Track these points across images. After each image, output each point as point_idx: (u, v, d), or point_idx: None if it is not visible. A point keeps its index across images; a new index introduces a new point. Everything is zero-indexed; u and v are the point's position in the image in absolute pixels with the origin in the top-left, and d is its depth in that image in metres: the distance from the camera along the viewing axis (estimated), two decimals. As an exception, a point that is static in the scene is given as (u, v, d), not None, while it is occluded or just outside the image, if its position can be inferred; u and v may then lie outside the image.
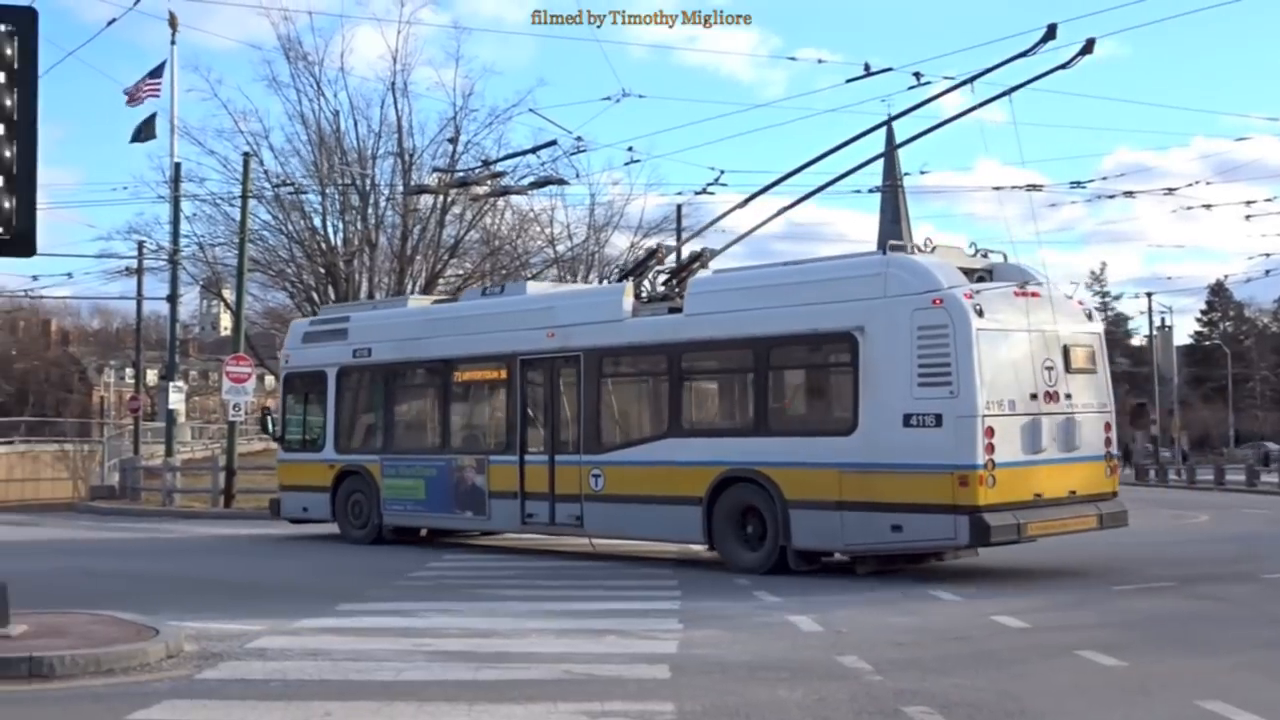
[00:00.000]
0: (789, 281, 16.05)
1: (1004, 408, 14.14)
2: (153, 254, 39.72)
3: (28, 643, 9.52)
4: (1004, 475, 13.94)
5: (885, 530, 14.43)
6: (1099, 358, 15.67)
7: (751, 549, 15.60)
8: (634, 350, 17.52)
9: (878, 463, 14.43)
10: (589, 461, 17.36)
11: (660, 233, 57.21)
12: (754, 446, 15.70)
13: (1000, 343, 14.35)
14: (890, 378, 14.39)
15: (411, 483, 19.82)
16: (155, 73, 35.95)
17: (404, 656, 9.68)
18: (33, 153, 10.18)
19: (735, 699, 8.11)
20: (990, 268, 15.53)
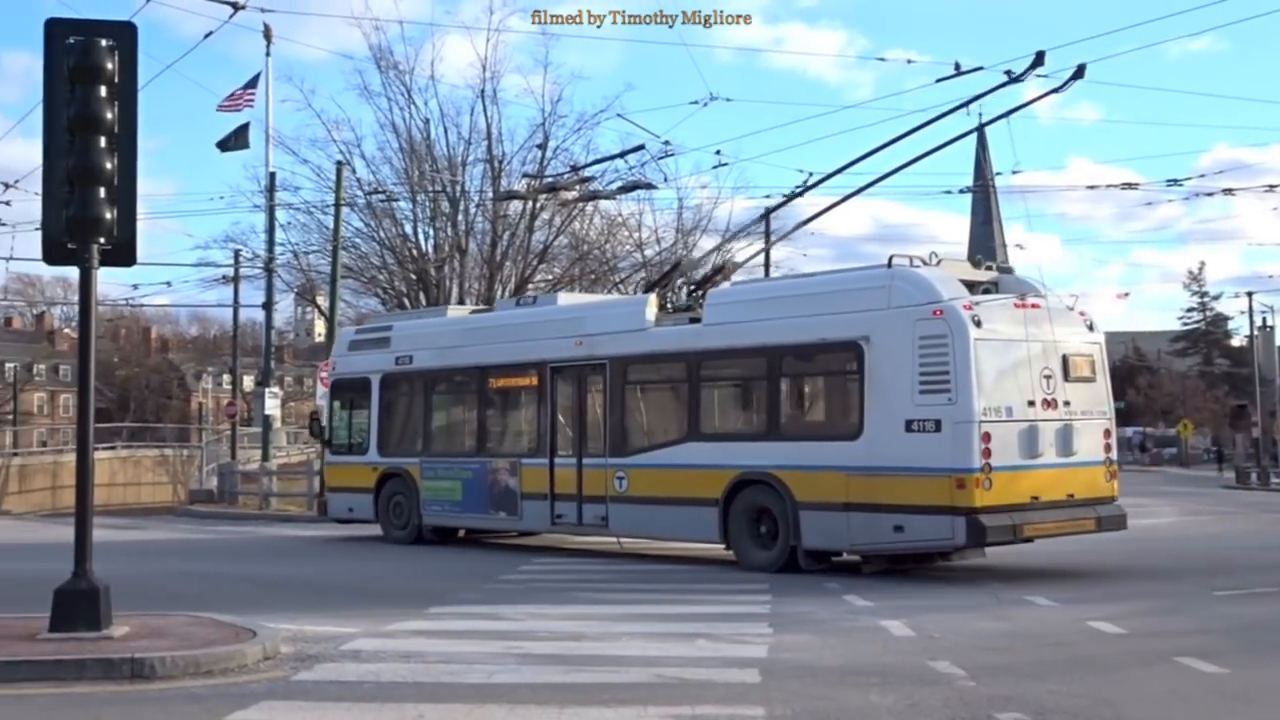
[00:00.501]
0: (800, 293, 17.05)
1: (1001, 414, 14.75)
2: (249, 262, 40.46)
3: (130, 644, 9.72)
4: (1001, 478, 14.56)
5: (888, 531, 15.07)
6: (1099, 367, 16.21)
7: (764, 548, 16.30)
8: (656, 358, 18.28)
9: (881, 466, 15.07)
10: (614, 464, 18.16)
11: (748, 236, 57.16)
12: (767, 450, 16.42)
13: (998, 352, 14.97)
14: (893, 385, 15.08)
15: (449, 484, 20.65)
16: (251, 84, 36.58)
17: (495, 659, 9.74)
18: (133, 164, 10.42)
19: (826, 704, 8.07)
20: (996, 280, 16.23)
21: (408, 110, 39.23)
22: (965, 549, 15.12)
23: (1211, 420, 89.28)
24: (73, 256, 10.32)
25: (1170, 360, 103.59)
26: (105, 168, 10.17)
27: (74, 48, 10.10)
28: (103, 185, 10.17)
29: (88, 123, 10.10)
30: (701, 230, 55.76)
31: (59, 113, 10.21)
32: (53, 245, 10.36)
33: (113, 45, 10.21)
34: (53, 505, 44.87)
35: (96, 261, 10.32)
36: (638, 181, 27.13)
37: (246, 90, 36.44)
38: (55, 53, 10.19)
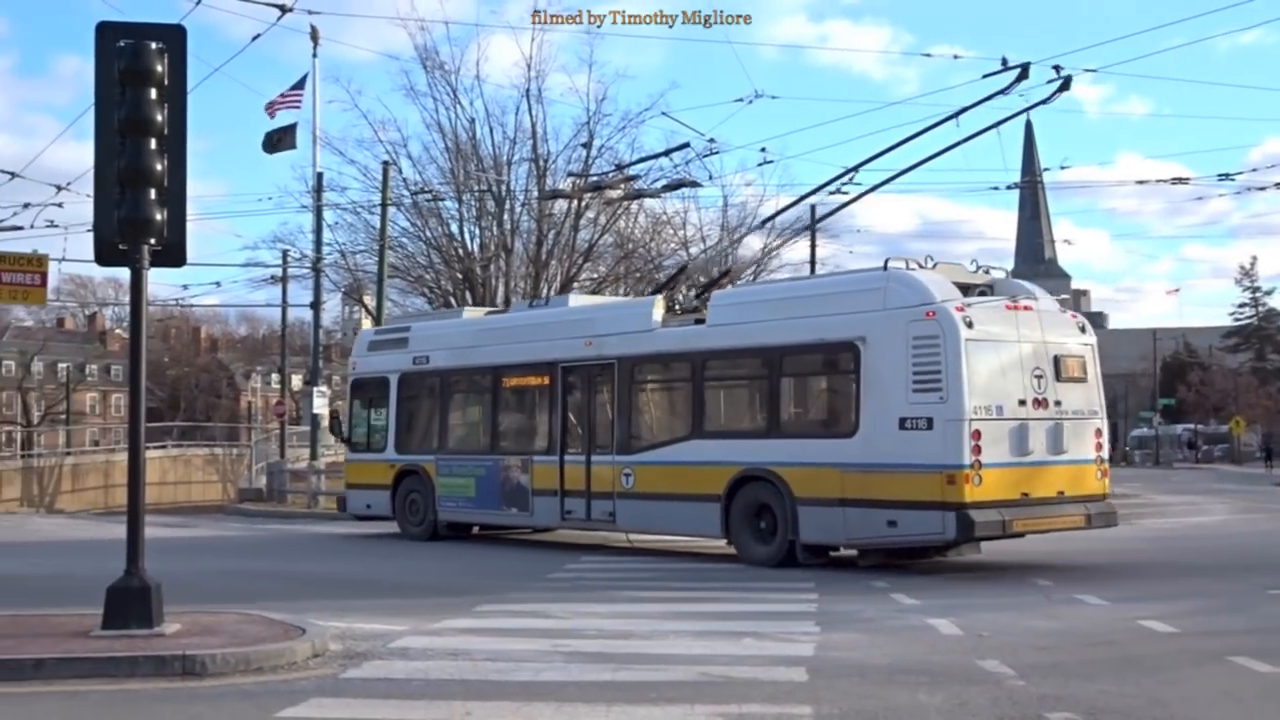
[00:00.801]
0: (799, 295, 17.65)
1: (991, 413, 15.15)
2: (296, 262, 40.75)
3: (181, 641, 9.82)
4: (991, 475, 14.97)
5: (882, 525, 15.49)
6: (1090, 367, 16.58)
7: (764, 543, 16.74)
8: (662, 358, 18.82)
9: (876, 463, 15.50)
10: (621, 461, 18.65)
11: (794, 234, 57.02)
12: (767, 448, 16.89)
13: (989, 352, 15.34)
14: (888, 384, 15.50)
15: (463, 481, 21.18)
16: (298, 85, 36.80)
17: (542, 657, 9.77)
18: (183, 166, 10.52)
19: (874, 703, 8.03)
20: (991, 283, 16.70)
21: (453, 110, 39.40)
22: (955, 543, 15.77)
23: (1264, 417, 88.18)
24: (124, 257, 10.43)
25: (1222, 356, 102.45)
26: (155, 169, 10.26)
27: (124, 51, 10.19)
28: (153, 187, 10.27)
29: (138, 125, 10.20)
30: (747, 228, 55.77)
31: (110, 115, 10.32)
32: (104, 246, 10.47)
33: (162, 48, 10.30)
34: (105, 504, 45.43)
35: (147, 262, 10.42)
36: (682, 179, 27.13)
37: (294, 91, 36.67)
38: (106, 56, 10.30)
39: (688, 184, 27.08)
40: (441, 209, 39.53)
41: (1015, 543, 19.99)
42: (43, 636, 10.14)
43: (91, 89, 10.39)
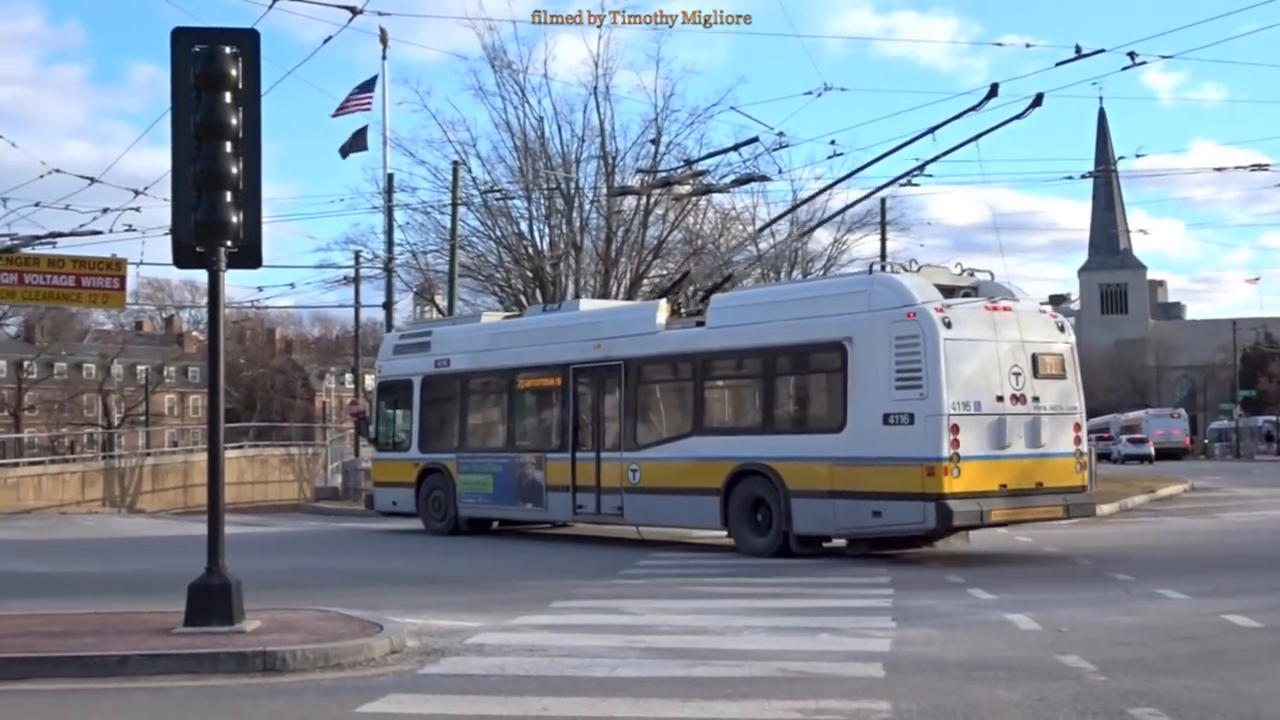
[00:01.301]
0: (792, 298, 18.52)
1: (970, 408, 15.86)
2: (368, 263, 41.05)
3: (261, 638, 9.94)
4: (969, 467, 15.67)
5: (868, 516, 16.28)
6: (1069, 365, 17.28)
7: (761, 534, 17.50)
8: (665, 359, 19.68)
9: (862, 456, 16.24)
10: (628, 458, 19.52)
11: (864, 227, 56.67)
12: (762, 444, 17.71)
13: (968, 351, 16.07)
14: (873, 381, 16.28)
15: (482, 478, 22.09)
16: (365, 87, 37.07)
17: (618, 653, 9.77)
18: (257, 169, 10.64)
19: (953, 699, 7.96)
20: (976, 285, 17.40)
21: (521, 109, 39.53)
22: (935, 532, 16.37)
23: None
24: (201, 260, 10.58)
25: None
26: (231, 172, 10.39)
27: (199, 55, 10.32)
28: (229, 189, 10.40)
29: (213, 128, 10.33)
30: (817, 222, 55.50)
31: (186, 120, 10.46)
32: (182, 249, 10.62)
33: (236, 52, 10.42)
34: (184, 503, 46.13)
35: (224, 264, 10.55)
36: (751, 174, 27.02)
37: (361, 94, 36.95)
38: (181, 61, 10.44)
39: (757, 178, 26.99)
40: (511, 208, 39.72)
41: (1092, 538, 19.85)
42: (127, 634, 10.31)
43: (167, 95, 10.55)
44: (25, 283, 30.28)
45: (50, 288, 30.64)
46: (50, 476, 48.21)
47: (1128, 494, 29.58)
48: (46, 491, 46.71)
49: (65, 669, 9.21)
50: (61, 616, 11.46)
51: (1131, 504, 27.99)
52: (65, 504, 45.77)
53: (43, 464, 50.10)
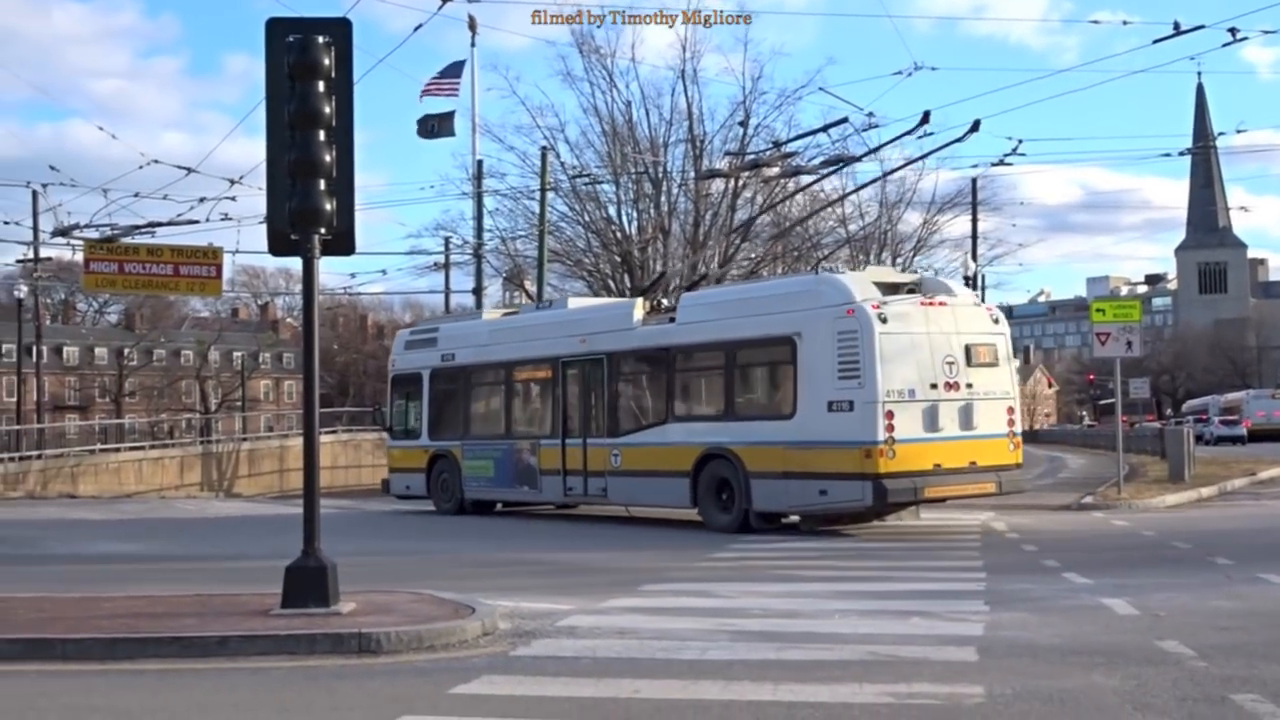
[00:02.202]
0: (751, 296, 20.23)
1: (904, 395, 17.37)
2: (458, 249, 41.41)
3: (357, 619, 10.08)
4: (903, 449, 17.21)
5: (815, 494, 17.85)
6: (1002, 354, 18.67)
7: (725, 512, 19.12)
8: (641, 353, 21.26)
9: (809, 440, 17.82)
10: (610, 444, 21.20)
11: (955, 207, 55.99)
12: (725, 429, 19.37)
13: (902, 343, 17.52)
14: (819, 372, 17.86)
15: (484, 463, 23.86)
16: (449, 71, 37.24)
17: (708, 636, 9.79)
18: (350, 157, 10.76)
19: (1048, 684, 7.87)
20: (919, 281, 19.14)
21: (609, 94, 39.64)
22: (874, 508, 17.97)
23: None
24: (295, 247, 10.72)
25: None
26: (324, 160, 10.52)
27: (293, 45, 10.46)
28: (322, 177, 10.53)
29: (307, 117, 10.47)
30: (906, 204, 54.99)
31: (280, 109, 10.61)
32: (277, 236, 10.78)
33: (329, 41, 10.55)
34: (280, 487, 46.90)
35: (318, 251, 10.70)
36: (841, 155, 26.81)
37: (446, 78, 37.15)
38: (276, 51, 10.59)
39: (846, 159, 26.76)
40: (599, 192, 39.85)
41: (1192, 522, 19.54)
42: (226, 615, 10.52)
43: (261, 85, 10.70)
44: (125, 272, 30.91)
45: (149, 276, 31.23)
46: (150, 461, 49.24)
47: (1227, 477, 29.00)
48: (146, 476, 47.73)
49: (167, 649, 9.42)
50: (163, 598, 11.71)
51: (1231, 487, 27.44)
52: (164, 488, 46.74)
53: (143, 449, 51.15)
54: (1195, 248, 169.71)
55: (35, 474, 43.45)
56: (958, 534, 18.11)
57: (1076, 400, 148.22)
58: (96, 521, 25.83)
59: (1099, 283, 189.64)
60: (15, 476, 42.77)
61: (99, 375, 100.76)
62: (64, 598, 12.02)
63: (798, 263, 43.63)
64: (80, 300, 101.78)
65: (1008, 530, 18.51)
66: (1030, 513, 22.08)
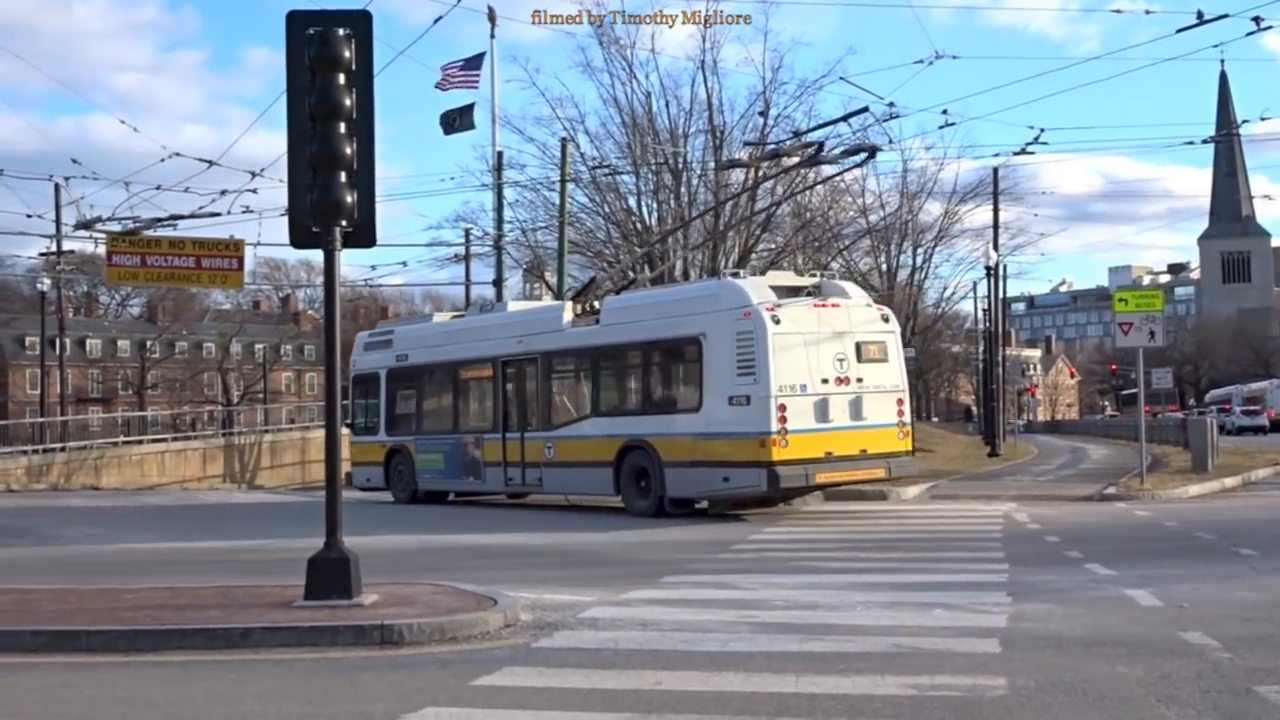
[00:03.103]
0: (664, 300, 21.91)
1: (796, 390, 18.80)
2: (478, 240, 41.43)
3: (379, 611, 10.11)
4: (795, 439, 18.64)
5: (719, 481, 19.39)
6: (892, 351, 20.17)
7: (644, 498, 20.57)
8: (570, 352, 22.76)
9: (714, 432, 19.35)
10: (544, 437, 22.70)
11: (976, 197, 55.71)
12: (642, 423, 20.86)
13: (795, 342, 18.95)
14: (721, 370, 19.33)
15: (435, 457, 25.27)
16: (469, 63, 37.17)
17: (729, 628, 9.79)
18: (371, 149, 10.77)
19: (1071, 675, 7.85)
20: (818, 285, 20.59)
21: (629, 85, 39.63)
22: (770, 494, 19.39)
23: None
24: (317, 239, 10.74)
25: None
26: (345, 153, 10.54)
27: (313, 38, 10.47)
28: (343, 170, 10.54)
29: (328, 110, 10.48)
30: (927, 194, 54.83)
31: (301, 101, 10.62)
32: (298, 229, 10.80)
33: (349, 34, 10.55)
34: (302, 479, 47.01)
35: (339, 243, 10.71)
36: (861, 145, 26.68)
37: (464, 69, 37.07)
38: (296, 44, 10.60)
39: (866, 149, 26.65)
40: (619, 183, 39.82)
41: (1215, 512, 19.46)
42: (250, 607, 10.56)
43: (281, 78, 10.71)
44: (148, 264, 30.97)
45: (171, 269, 31.30)
46: (173, 453, 49.39)
47: (1251, 467, 28.84)
48: (169, 468, 47.90)
49: (191, 641, 9.47)
50: (186, 590, 11.76)
51: (1255, 477, 27.28)
52: (187, 480, 46.90)
53: (165, 441, 51.27)
54: (1218, 237, 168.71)
55: (59, 466, 43.66)
56: (979, 525, 18.06)
57: (1098, 390, 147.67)
58: (119, 513, 25.97)
59: (1121, 272, 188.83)
60: (39, 469, 42.98)
61: (122, 368, 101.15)
62: (87, 589, 12.09)
63: (818, 253, 43.57)
64: (103, 293, 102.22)
65: (1029, 521, 18.44)
66: (1052, 504, 22.01)
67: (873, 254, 54.07)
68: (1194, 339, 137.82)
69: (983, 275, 51.34)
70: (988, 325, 51.57)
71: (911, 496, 23.86)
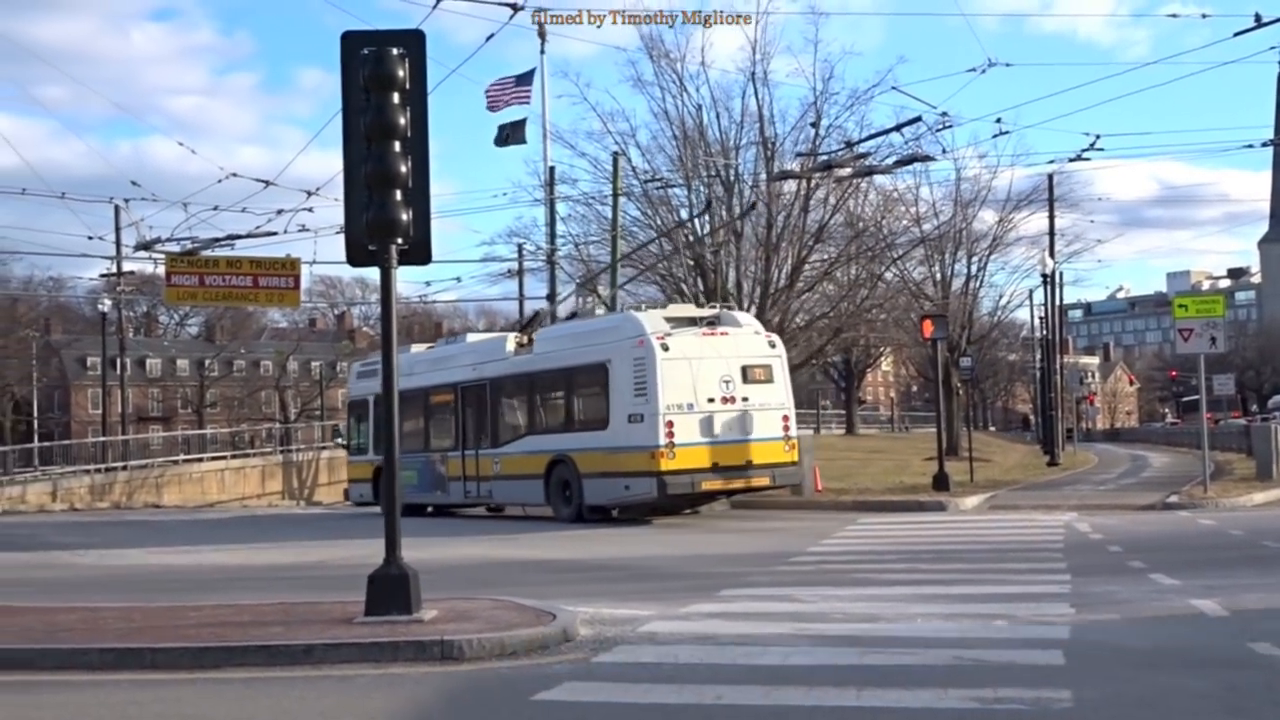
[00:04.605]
0: (582, 330, 25.14)
1: (683, 409, 21.50)
2: (531, 255, 41.55)
3: (439, 627, 10.14)
4: (683, 451, 21.39)
5: (622, 489, 22.10)
6: (777, 372, 22.69)
7: (567, 505, 23.24)
8: (511, 378, 25.53)
9: (617, 446, 22.06)
10: (493, 453, 25.49)
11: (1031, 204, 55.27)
12: (565, 439, 23.59)
13: (682, 367, 21.59)
14: (623, 391, 22.04)
15: (410, 473, 27.02)
16: (521, 79, 37.35)
17: (789, 641, 9.74)
18: (425, 167, 10.83)
19: (1137, 687, 7.75)
20: (719, 315, 23.20)
21: (680, 98, 39.60)
22: (660, 501, 21.78)
23: None
24: (373, 257, 10.81)
25: None
26: (400, 171, 10.60)
27: (368, 58, 10.55)
28: (398, 188, 10.61)
29: (383, 129, 10.56)
30: (981, 202, 54.42)
31: (356, 121, 10.70)
32: (355, 247, 10.88)
33: (403, 53, 10.62)
34: (359, 495, 47.14)
35: (395, 261, 10.77)
36: (915, 154, 26.65)
37: (516, 86, 37.23)
38: (351, 64, 10.68)
39: (920, 159, 26.64)
40: (671, 196, 39.81)
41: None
42: (311, 623, 10.62)
43: (334, 98, 10.81)
44: (206, 284, 31.27)
45: (229, 288, 31.60)
46: (232, 471, 49.91)
47: (1317, 474, 28.36)
48: (229, 485, 48.41)
49: (254, 658, 9.54)
50: (248, 607, 11.85)
51: (1321, 485, 26.84)
52: (246, 497, 47.36)
53: (225, 459, 51.80)
54: (1279, 240, 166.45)
55: (121, 485, 44.21)
56: (1040, 535, 17.88)
57: (1158, 398, 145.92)
58: (181, 531, 26.24)
59: (1179, 277, 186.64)
60: (102, 487, 43.52)
61: (181, 387, 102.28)
62: (152, 607, 12.22)
63: (872, 262, 43.38)
64: (162, 313, 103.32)
65: (1091, 531, 18.25)
66: (1114, 513, 21.78)
67: (927, 263, 53.73)
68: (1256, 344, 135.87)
69: (1039, 283, 50.91)
70: (1045, 333, 51.14)
71: (970, 507, 23.69)
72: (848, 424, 72.26)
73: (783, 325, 38.18)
